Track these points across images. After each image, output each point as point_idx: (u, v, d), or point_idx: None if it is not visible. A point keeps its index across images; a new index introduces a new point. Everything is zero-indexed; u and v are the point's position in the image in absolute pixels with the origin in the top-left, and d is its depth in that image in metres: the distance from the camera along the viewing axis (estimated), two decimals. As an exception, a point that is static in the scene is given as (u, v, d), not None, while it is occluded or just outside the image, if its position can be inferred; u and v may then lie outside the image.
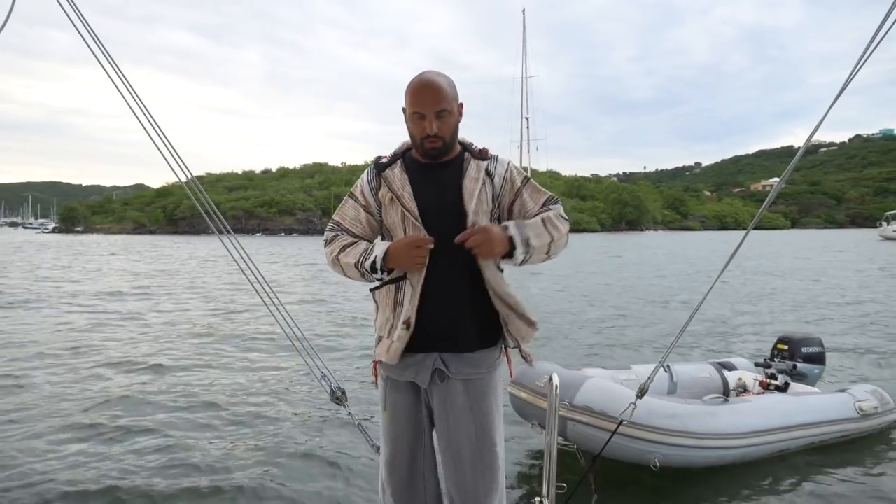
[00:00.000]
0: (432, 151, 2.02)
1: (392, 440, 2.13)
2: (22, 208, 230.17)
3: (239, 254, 2.37)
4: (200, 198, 2.32)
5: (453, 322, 2.04)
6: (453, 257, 1.99)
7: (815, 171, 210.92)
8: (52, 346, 8.23)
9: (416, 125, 1.99)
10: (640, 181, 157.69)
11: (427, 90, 1.96)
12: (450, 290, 2.04)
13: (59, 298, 13.51)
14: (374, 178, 2.12)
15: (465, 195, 2.03)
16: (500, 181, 2.10)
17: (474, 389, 2.06)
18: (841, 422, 4.63)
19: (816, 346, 5.38)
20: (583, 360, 7.68)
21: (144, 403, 5.79)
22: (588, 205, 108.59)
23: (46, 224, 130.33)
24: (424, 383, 2.06)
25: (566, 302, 13.73)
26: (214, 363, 7.47)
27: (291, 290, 16.03)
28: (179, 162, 2.29)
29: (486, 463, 2.05)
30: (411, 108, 1.99)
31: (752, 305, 13.25)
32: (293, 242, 54.52)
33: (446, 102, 1.97)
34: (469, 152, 2.12)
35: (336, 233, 2.15)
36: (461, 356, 2.05)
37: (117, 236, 73.01)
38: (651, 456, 3.86)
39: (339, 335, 9.50)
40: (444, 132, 2.00)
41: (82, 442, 4.78)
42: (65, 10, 2.07)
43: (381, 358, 2.08)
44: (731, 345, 8.90)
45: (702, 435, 3.96)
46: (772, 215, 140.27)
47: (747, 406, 4.33)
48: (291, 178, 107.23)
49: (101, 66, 2.23)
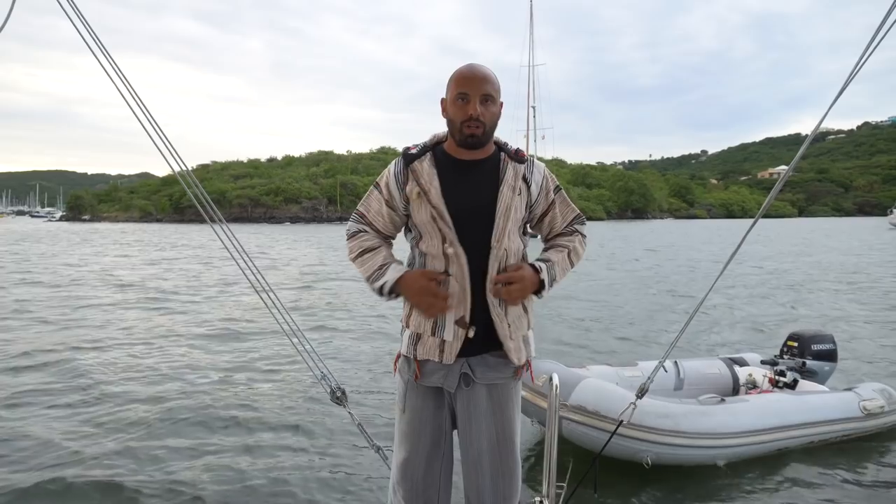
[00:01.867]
0: (471, 139, 1.93)
1: (410, 443, 2.09)
2: (28, 197, 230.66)
3: (234, 244, 2.34)
4: (194, 188, 2.28)
5: (481, 324, 1.99)
6: (477, 261, 1.95)
7: (823, 159, 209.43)
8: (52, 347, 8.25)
9: (458, 108, 1.92)
10: (645, 169, 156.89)
11: (475, 72, 1.93)
12: (475, 292, 1.98)
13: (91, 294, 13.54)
14: (401, 171, 2.02)
15: (500, 205, 1.96)
16: (536, 189, 2.05)
17: (498, 395, 2.04)
18: (842, 421, 4.57)
19: (828, 343, 5.29)
20: (592, 355, 7.63)
21: (141, 401, 5.79)
22: (594, 193, 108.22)
23: (53, 213, 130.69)
24: (452, 388, 2.02)
25: (582, 294, 13.68)
26: (214, 363, 7.45)
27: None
28: (172, 151, 2.26)
29: (506, 468, 2.05)
30: (456, 89, 1.93)
31: (771, 299, 13.19)
32: (304, 230, 54.53)
33: (492, 88, 1.94)
34: (505, 153, 2.04)
35: (360, 226, 2.10)
36: (485, 360, 2.02)
37: (124, 224, 73.17)
38: (643, 454, 3.95)
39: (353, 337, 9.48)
40: (486, 118, 1.93)
41: (81, 438, 4.79)
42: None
43: (431, 356, 2.01)
44: (747, 340, 8.77)
45: (693, 434, 4.01)
46: (779, 203, 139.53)
47: (743, 405, 4.34)
48: (297, 166, 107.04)
49: (95, 55, 2.19)
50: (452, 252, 1.94)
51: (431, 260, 2.00)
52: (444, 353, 1.98)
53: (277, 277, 16.48)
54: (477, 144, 1.96)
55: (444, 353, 1.98)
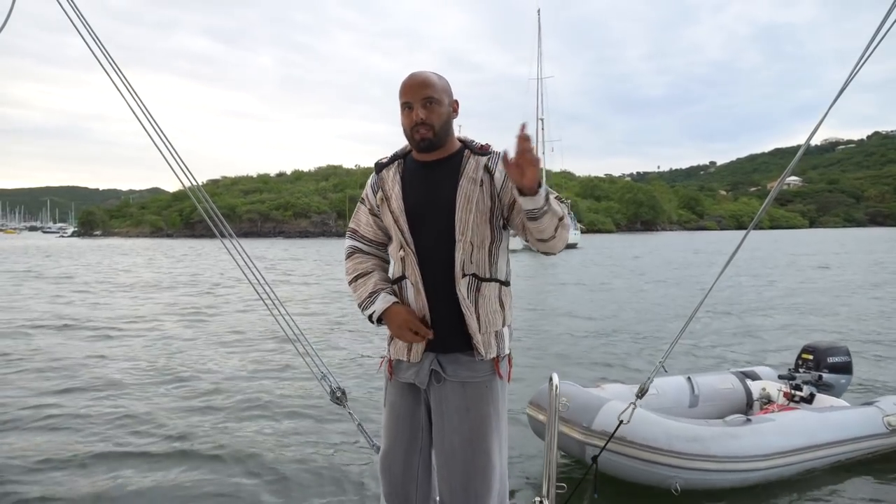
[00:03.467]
0: (423, 143, 1.99)
1: (389, 437, 2.16)
2: (41, 213, 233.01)
3: (242, 258, 2.36)
4: (203, 201, 2.30)
5: (445, 322, 2.03)
6: (445, 257, 1.99)
7: (834, 170, 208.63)
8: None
9: (406, 117, 2.00)
10: (653, 181, 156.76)
11: (413, 80, 1.99)
12: (441, 290, 2.02)
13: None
14: (375, 181, 2.14)
15: (460, 198, 1.99)
16: (500, 176, 2.02)
17: (472, 393, 2.05)
18: (868, 438, 4.44)
19: (843, 355, 5.17)
20: (603, 371, 7.53)
21: (141, 401, 5.84)
22: (603, 205, 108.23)
23: (65, 228, 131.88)
24: (423, 384, 2.07)
25: (591, 310, 13.63)
26: (213, 363, 7.50)
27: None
28: (182, 165, 2.28)
29: (477, 466, 2.04)
30: (400, 100, 2.01)
31: (779, 311, 13.09)
32: (314, 244, 54.72)
33: (433, 91, 1.97)
34: (469, 149, 2.07)
35: (354, 243, 2.20)
36: (457, 358, 2.05)
37: (136, 240, 73.69)
38: (672, 480, 3.80)
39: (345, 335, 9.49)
40: (433, 120, 1.97)
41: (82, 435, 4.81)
42: (68, 14, 2.07)
43: (401, 357, 2.09)
44: (757, 353, 8.64)
45: (724, 458, 3.88)
46: (790, 214, 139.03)
47: (769, 426, 4.19)
48: (306, 180, 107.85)
49: (105, 71, 2.22)
50: (403, 255, 2.04)
51: (395, 262, 2.12)
52: (411, 352, 2.07)
53: (284, 286, 16.53)
54: (430, 147, 2.02)
55: (411, 353, 2.07)
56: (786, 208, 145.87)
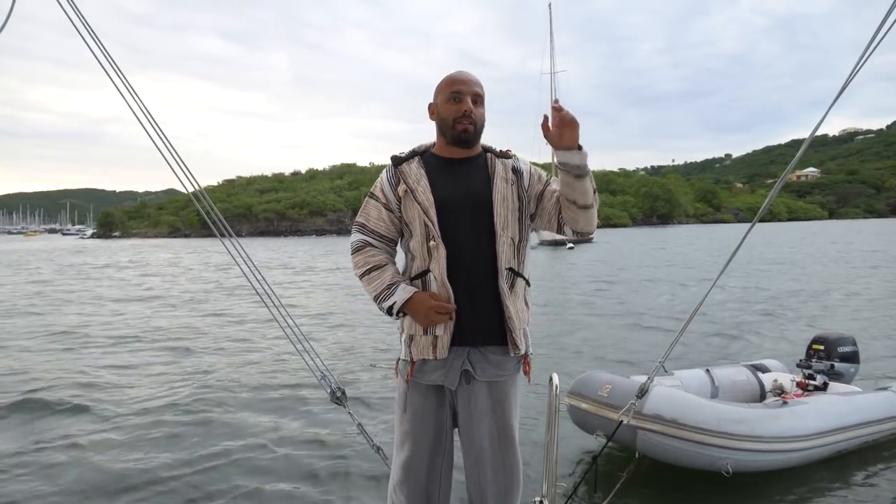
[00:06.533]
0: (464, 134, 2.04)
1: (412, 443, 2.11)
2: (60, 215, 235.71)
3: (241, 257, 2.37)
4: (203, 201, 2.32)
5: (476, 316, 2.03)
6: (484, 251, 2.02)
7: (853, 160, 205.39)
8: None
9: (452, 107, 2.04)
10: (669, 174, 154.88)
11: (465, 75, 2.09)
12: (474, 284, 2.03)
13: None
14: (392, 175, 2.11)
15: (497, 195, 2.05)
16: (527, 175, 2.13)
17: (497, 392, 2.07)
18: (891, 419, 4.68)
19: (850, 345, 5.41)
20: (622, 367, 7.48)
21: (141, 401, 5.88)
22: (618, 199, 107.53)
23: (84, 230, 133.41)
24: (453, 385, 2.05)
25: (611, 304, 13.57)
26: (213, 362, 7.54)
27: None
28: (183, 166, 2.29)
29: (507, 464, 2.08)
30: (449, 88, 2.05)
31: (786, 304, 12.97)
32: (331, 242, 54.93)
33: (482, 90, 2.08)
34: (491, 153, 2.14)
35: (363, 237, 2.14)
36: (487, 357, 2.05)
37: (154, 240, 74.38)
38: (722, 462, 3.85)
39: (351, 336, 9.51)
40: (477, 117, 2.06)
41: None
42: (68, 15, 2.05)
43: (426, 355, 2.04)
44: (761, 346, 8.67)
45: (769, 439, 3.97)
46: (809, 206, 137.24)
47: (806, 408, 4.33)
48: (321, 179, 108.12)
49: (108, 76, 2.22)
50: (434, 245, 2.00)
51: (416, 256, 2.07)
52: (437, 348, 2.02)
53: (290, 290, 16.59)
54: (469, 140, 2.07)
55: (437, 349, 2.02)
56: (805, 200, 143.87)
